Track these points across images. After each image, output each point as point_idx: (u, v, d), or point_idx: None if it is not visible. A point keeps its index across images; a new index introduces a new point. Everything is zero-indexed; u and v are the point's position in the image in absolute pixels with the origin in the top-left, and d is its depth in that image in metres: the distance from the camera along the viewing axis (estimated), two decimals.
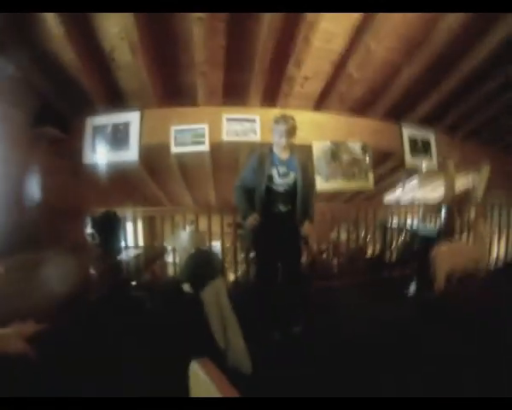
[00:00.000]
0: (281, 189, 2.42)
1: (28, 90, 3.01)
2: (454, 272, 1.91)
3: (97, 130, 3.52)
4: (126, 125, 3.53)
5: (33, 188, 3.17)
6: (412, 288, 3.41)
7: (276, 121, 2.40)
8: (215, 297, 2.17)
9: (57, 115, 3.32)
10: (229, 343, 2.08)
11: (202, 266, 2.37)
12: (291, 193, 2.44)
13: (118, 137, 3.52)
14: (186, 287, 2.27)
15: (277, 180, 2.41)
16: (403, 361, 2.03)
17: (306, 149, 3.67)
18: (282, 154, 2.44)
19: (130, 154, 3.51)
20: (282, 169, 2.41)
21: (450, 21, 2.77)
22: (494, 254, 4.27)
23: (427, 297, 2.31)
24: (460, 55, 3.30)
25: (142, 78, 3.06)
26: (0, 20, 2.40)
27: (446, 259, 1.79)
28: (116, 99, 3.46)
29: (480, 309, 1.16)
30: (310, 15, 2.59)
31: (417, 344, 2.08)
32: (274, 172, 2.40)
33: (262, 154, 2.46)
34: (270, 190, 2.41)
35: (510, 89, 3.98)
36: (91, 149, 3.50)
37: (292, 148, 2.49)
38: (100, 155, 3.50)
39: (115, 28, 2.65)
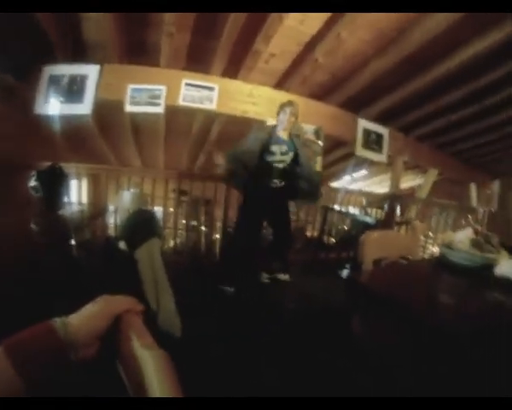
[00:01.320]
0: (280, 165, 2.72)
1: None
2: (382, 258, 1.97)
3: (53, 79, 3.31)
4: (83, 78, 3.33)
5: None
6: (347, 271, 3.57)
7: (283, 105, 2.81)
8: (149, 257, 2.12)
9: (12, 61, 3.04)
10: (161, 306, 2.06)
11: (140, 224, 2.32)
12: (287, 170, 2.75)
13: (73, 89, 3.33)
14: (122, 244, 2.21)
15: (278, 156, 2.70)
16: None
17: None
18: (283, 134, 2.78)
19: (84, 107, 3.34)
20: (283, 148, 2.72)
21: (428, 26, 2.80)
22: (426, 251, 4.53)
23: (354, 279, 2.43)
24: (430, 60, 3.38)
25: (107, 31, 2.87)
26: None
27: (374, 244, 1.83)
28: (77, 50, 3.24)
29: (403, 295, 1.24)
30: None
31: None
32: (276, 150, 2.69)
33: (263, 131, 2.82)
34: (269, 164, 2.70)
35: (471, 103, 4.20)
36: (44, 99, 3.29)
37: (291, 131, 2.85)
38: (52, 106, 3.30)
39: None
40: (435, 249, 4.53)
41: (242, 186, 2.89)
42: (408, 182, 6.89)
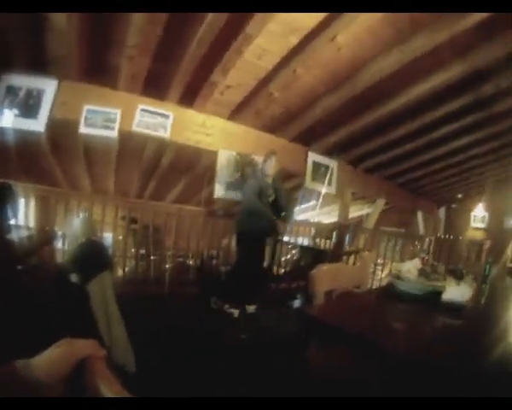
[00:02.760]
0: (267, 201, 3.31)
1: None
2: (333, 290, 2.05)
3: (10, 90, 3.18)
4: (40, 93, 3.23)
5: None
6: (297, 301, 3.67)
7: (269, 155, 3.37)
8: (100, 291, 2.08)
9: None
10: (113, 340, 2.02)
11: (91, 256, 2.27)
12: (272, 205, 3.34)
13: (29, 103, 3.22)
14: (73, 277, 2.16)
15: (265, 199, 3.28)
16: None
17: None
18: (268, 179, 3.35)
19: (37, 124, 3.23)
20: (269, 190, 3.34)
21: (377, 68, 3.03)
22: (375, 280, 4.75)
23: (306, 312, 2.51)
24: (379, 98, 3.65)
25: (69, 45, 2.81)
26: None
27: (325, 278, 1.92)
28: (37, 61, 3.13)
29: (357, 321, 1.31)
30: (249, 29, 2.60)
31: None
32: (263, 192, 3.27)
33: (258, 178, 3.38)
34: (257, 205, 3.22)
35: (416, 137, 4.55)
36: None
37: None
38: (6, 119, 3.16)
39: None
40: (384, 275, 4.74)
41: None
42: (356, 211, 7.20)
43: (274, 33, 2.67)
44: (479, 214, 7.65)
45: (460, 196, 7.95)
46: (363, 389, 1.22)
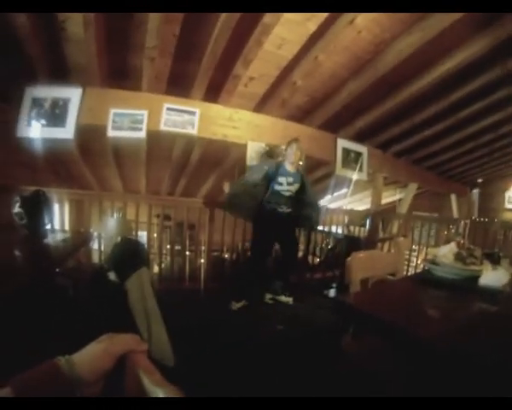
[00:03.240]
0: (287, 194, 3.13)
1: None
2: (369, 278, 2.01)
3: (36, 102, 3.27)
4: (66, 101, 3.31)
5: None
6: (333, 291, 3.61)
7: (290, 142, 3.18)
8: (139, 287, 2.11)
9: None
10: (152, 335, 2.04)
11: (128, 254, 2.30)
12: (293, 198, 3.18)
13: (56, 112, 3.29)
14: (111, 275, 2.19)
15: (285, 186, 3.10)
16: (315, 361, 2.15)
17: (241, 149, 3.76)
18: (290, 167, 3.14)
19: (66, 131, 3.30)
20: (290, 179, 3.11)
21: (399, 47, 2.95)
22: (412, 266, 4.62)
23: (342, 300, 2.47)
24: (403, 79, 3.55)
25: (89, 53, 2.87)
26: None
27: (361, 265, 1.87)
28: (60, 72, 3.25)
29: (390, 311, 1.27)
30: (266, 18, 2.57)
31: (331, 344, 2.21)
32: (283, 180, 3.10)
33: (276, 163, 3.18)
34: (277, 193, 3.10)
35: (444, 117, 4.39)
36: (26, 122, 3.24)
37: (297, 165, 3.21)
38: (34, 129, 3.25)
39: None
40: (419, 262, 4.61)
41: (245, 214, 3.30)
42: (388, 197, 7.04)
43: (291, 21, 2.65)
44: None
45: (489, 176, 7.60)
46: (399, 379, 1.19)
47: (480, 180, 7.69)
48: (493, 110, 4.28)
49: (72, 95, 3.32)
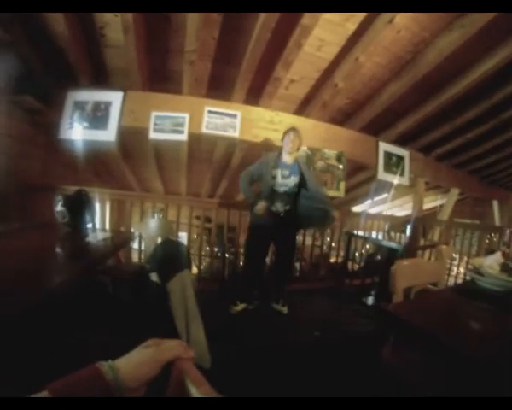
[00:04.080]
0: (281, 189, 2.74)
1: (13, 56, 2.89)
2: (412, 287, 1.97)
3: (78, 105, 3.41)
4: (107, 105, 3.43)
5: (4, 157, 3.06)
6: (371, 298, 3.52)
7: (288, 130, 2.82)
8: (181, 289, 2.13)
9: (38, 85, 3.20)
10: (191, 336, 2.06)
11: (170, 256, 2.33)
12: (290, 194, 2.76)
13: (97, 115, 3.42)
14: (154, 277, 2.23)
15: (279, 180, 2.73)
16: (353, 367, 2.10)
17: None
18: (287, 158, 2.79)
19: (108, 134, 3.41)
20: (285, 172, 2.73)
21: (440, 46, 2.86)
22: (452, 275, 4.43)
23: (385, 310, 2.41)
24: (445, 80, 3.44)
25: (129, 58, 2.97)
26: None
27: (405, 274, 1.83)
28: (100, 76, 3.38)
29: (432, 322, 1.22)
30: (305, 19, 2.57)
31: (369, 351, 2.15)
32: (278, 173, 2.73)
33: (270, 155, 2.84)
34: (271, 189, 2.74)
35: (486, 119, 4.20)
36: (69, 125, 3.38)
37: (296, 156, 2.87)
38: (77, 132, 3.38)
39: None
40: (460, 270, 4.42)
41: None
42: (429, 203, 6.81)
43: (330, 22, 2.64)
44: None
45: None
46: (438, 392, 1.13)
47: None
48: None
49: (114, 98, 3.44)
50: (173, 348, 0.54)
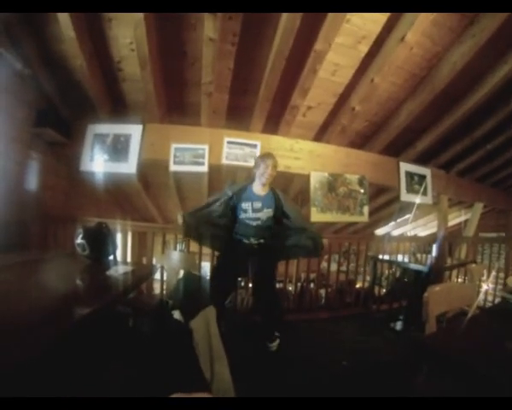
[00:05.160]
0: (254, 222, 2.56)
1: (34, 89, 3.05)
2: (446, 313, 1.90)
3: (98, 138, 3.48)
4: (127, 137, 3.49)
5: (27, 187, 3.14)
6: (400, 324, 3.42)
7: (263, 158, 2.62)
8: (205, 326, 2.11)
9: (59, 118, 3.32)
10: (215, 374, 2.02)
11: (193, 293, 2.32)
12: (264, 228, 2.58)
13: (118, 148, 3.48)
14: (177, 314, 2.21)
15: (251, 214, 2.54)
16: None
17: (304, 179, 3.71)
18: (259, 190, 2.60)
19: (129, 166, 3.45)
20: (257, 204, 2.55)
21: (454, 59, 2.87)
22: (483, 294, 4.29)
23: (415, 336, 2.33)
24: (461, 94, 3.43)
25: (147, 91, 3.04)
26: (13, 15, 2.42)
27: (438, 300, 1.77)
28: (120, 110, 3.46)
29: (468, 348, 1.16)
30: (318, 45, 2.61)
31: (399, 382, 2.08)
32: (248, 207, 2.55)
33: (236, 187, 2.67)
34: (243, 222, 2.58)
35: (504, 129, 4.14)
36: (90, 157, 3.45)
37: (270, 185, 2.68)
38: (98, 164, 3.44)
39: (126, 39, 2.68)
40: (489, 285, 4.27)
41: (204, 242, 2.96)
42: (452, 220, 6.67)
43: (343, 46, 2.66)
44: None
45: None
46: None
47: None
48: None
49: (133, 131, 3.50)
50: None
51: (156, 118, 3.44)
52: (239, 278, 3.00)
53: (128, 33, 2.61)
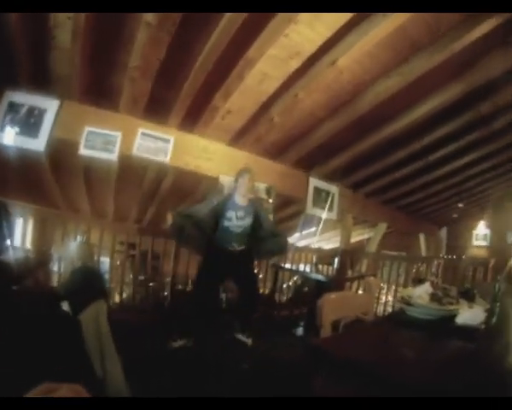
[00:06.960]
0: (237, 230, 2.86)
1: None
2: (341, 320, 1.99)
3: (12, 107, 3.15)
4: (42, 112, 3.20)
5: None
6: (301, 329, 3.58)
7: (242, 172, 2.94)
8: (94, 321, 2.00)
9: None
10: (107, 373, 1.93)
11: (85, 284, 2.21)
12: (244, 234, 2.91)
13: (30, 121, 3.18)
14: (65, 305, 2.09)
15: (235, 222, 2.84)
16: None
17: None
18: (241, 200, 2.89)
19: (38, 143, 3.18)
20: (240, 213, 2.86)
21: (379, 90, 3.07)
22: (380, 306, 4.65)
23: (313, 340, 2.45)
24: (379, 122, 3.68)
25: (73, 65, 2.80)
26: None
27: (332, 307, 1.85)
28: (40, 81, 3.13)
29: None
30: (251, 53, 2.62)
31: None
32: (233, 215, 2.84)
33: (220, 198, 2.99)
34: (227, 229, 2.85)
35: (415, 160, 4.58)
36: (0, 127, 3.10)
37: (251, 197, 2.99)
38: (7, 136, 3.12)
39: None
40: (388, 299, 4.65)
41: (188, 244, 3.17)
42: (357, 236, 7.17)
43: (275, 58, 2.68)
44: (480, 232, 7.72)
45: (457, 215, 7.93)
46: None
47: (454, 216, 7.97)
48: (463, 152, 4.51)
49: (49, 106, 3.22)
50: (67, 393, 0.50)
51: (75, 95, 3.21)
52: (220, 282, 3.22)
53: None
